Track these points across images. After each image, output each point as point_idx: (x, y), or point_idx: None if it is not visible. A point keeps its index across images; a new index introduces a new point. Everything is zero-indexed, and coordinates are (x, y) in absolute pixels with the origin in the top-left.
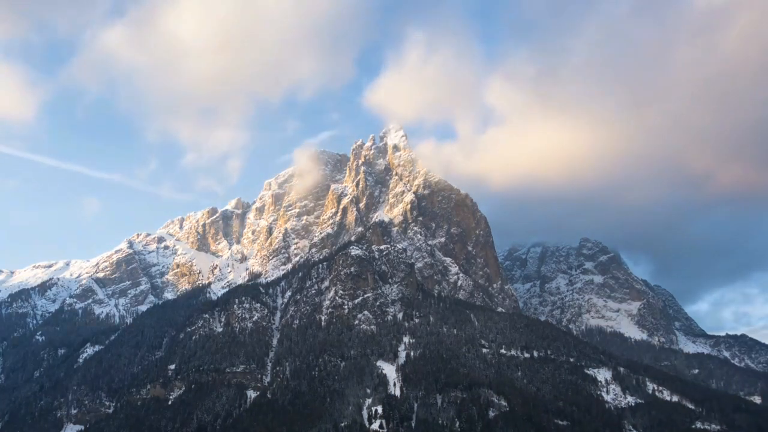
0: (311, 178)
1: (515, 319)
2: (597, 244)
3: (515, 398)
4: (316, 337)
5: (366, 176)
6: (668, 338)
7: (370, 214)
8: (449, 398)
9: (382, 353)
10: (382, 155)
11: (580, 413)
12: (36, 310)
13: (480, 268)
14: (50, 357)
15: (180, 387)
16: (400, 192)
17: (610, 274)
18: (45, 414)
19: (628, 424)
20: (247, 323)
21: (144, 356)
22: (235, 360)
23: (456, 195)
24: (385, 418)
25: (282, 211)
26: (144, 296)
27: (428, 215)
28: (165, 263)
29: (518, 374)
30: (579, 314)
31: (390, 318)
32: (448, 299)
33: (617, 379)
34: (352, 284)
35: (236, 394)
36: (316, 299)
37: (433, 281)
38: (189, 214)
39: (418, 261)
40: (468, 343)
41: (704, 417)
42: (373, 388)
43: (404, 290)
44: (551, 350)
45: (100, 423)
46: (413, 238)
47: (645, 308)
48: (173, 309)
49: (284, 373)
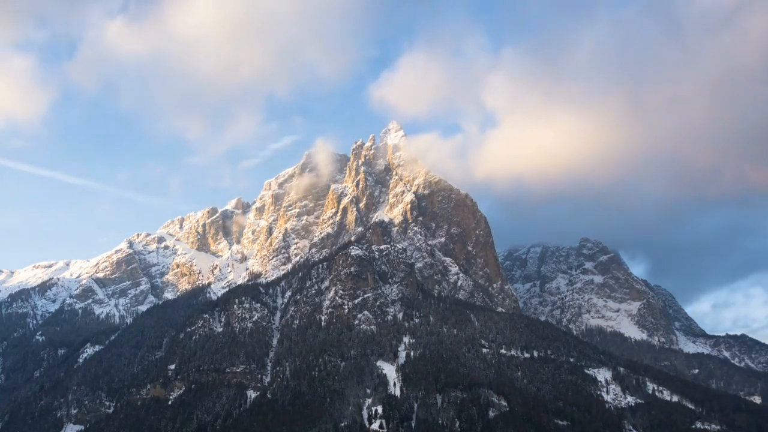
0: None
1: (515, 319)
2: (597, 244)
3: (515, 398)
4: (316, 337)
5: (366, 176)
6: (668, 338)
7: (370, 214)
8: (449, 398)
9: (382, 353)
10: (382, 155)
11: (580, 413)
12: (36, 310)
13: (480, 268)
14: (50, 357)
15: (180, 387)
16: (400, 192)
17: (610, 274)
18: (45, 414)
19: (628, 424)
20: (247, 323)
21: (144, 356)
22: (235, 360)
23: (456, 195)
24: (385, 418)
25: (282, 211)
26: (144, 296)
27: (428, 215)
28: (165, 263)
29: (518, 374)
30: (579, 314)
31: (390, 318)
32: (448, 299)
33: (617, 379)
34: (352, 284)
35: (236, 394)
36: (316, 299)
37: (433, 281)
38: (189, 214)
39: (418, 261)
40: (468, 343)
41: (704, 417)
42: (373, 388)
43: (404, 290)
44: (551, 350)
45: (100, 423)
46: (413, 238)
47: (645, 308)
48: (173, 309)
49: (284, 373)
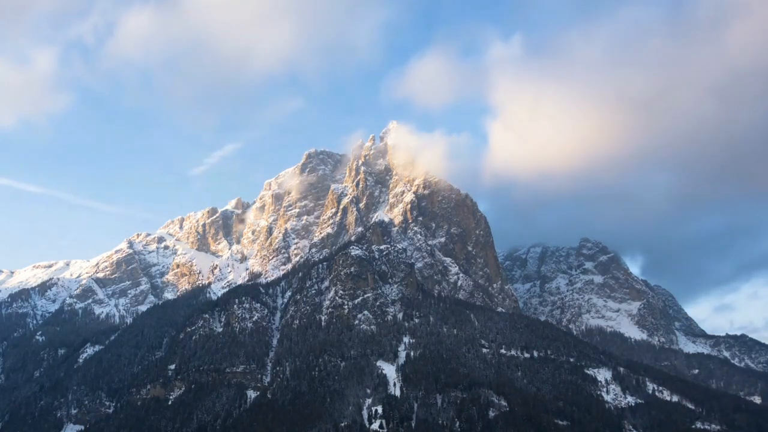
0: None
1: (515, 319)
2: (597, 244)
3: (515, 398)
4: (316, 337)
5: (366, 176)
6: (668, 338)
7: (370, 214)
8: (449, 398)
9: (382, 353)
10: (382, 155)
11: (580, 413)
12: (36, 310)
13: (480, 268)
14: (50, 357)
15: (180, 387)
16: (400, 192)
17: (610, 274)
18: (45, 414)
19: (628, 424)
20: (247, 323)
21: (144, 356)
22: (235, 360)
23: (456, 195)
24: (385, 418)
25: (282, 211)
26: (144, 296)
27: (428, 215)
28: (165, 263)
29: (518, 374)
30: (579, 314)
31: (390, 318)
32: (448, 299)
33: (617, 379)
34: (352, 284)
35: (236, 394)
36: (316, 299)
37: (433, 281)
38: (189, 214)
39: (418, 261)
40: (468, 343)
41: (704, 417)
42: (373, 388)
43: (404, 290)
44: (551, 350)
45: (100, 423)
46: (413, 238)
47: (645, 308)
48: (173, 309)
49: (284, 373)
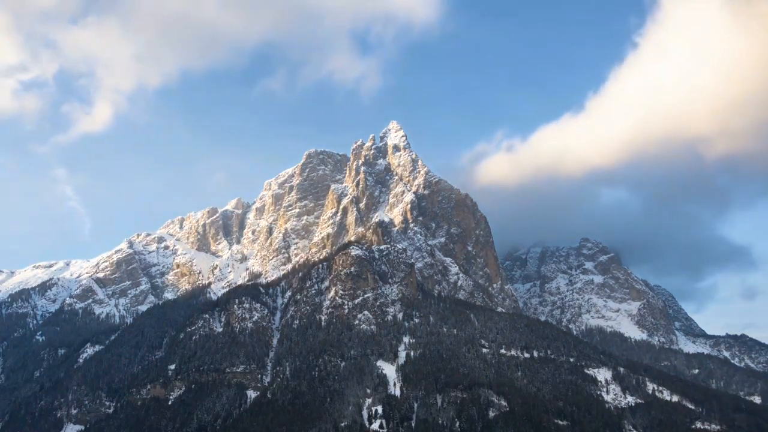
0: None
1: (515, 319)
2: (597, 244)
3: (515, 398)
4: (316, 337)
5: (366, 176)
6: (668, 338)
7: (370, 214)
8: (449, 398)
9: (382, 353)
10: (382, 155)
11: (580, 413)
12: (36, 310)
13: (480, 268)
14: (50, 357)
15: (180, 387)
16: (400, 192)
17: (610, 274)
18: (45, 414)
19: (628, 424)
20: (247, 323)
21: (144, 356)
22: (235, 360)
23: (456, 195)
24: (385, 418)
25: (282, 211)
26: (144, 296)
27: (428, 215)
28: (165, 263)
29: (518, 374)
30: (579, 314)
31: (390, 318)
32: (448, 299)
33: (617, 379)
34: (352, 284)
35: (236, 394)
36: (316, 299)
37: (433, 281)
38: (189, 214)
39: (418, 261)
40: (468, 343)
41: (704, 417)
42: (373, 388)
43: (404, 290)
44: (551, 350)
45: (100, 423)
46: (413, 238)
47: (645, 308)
48: (173, 309)
49: (284, 373)
